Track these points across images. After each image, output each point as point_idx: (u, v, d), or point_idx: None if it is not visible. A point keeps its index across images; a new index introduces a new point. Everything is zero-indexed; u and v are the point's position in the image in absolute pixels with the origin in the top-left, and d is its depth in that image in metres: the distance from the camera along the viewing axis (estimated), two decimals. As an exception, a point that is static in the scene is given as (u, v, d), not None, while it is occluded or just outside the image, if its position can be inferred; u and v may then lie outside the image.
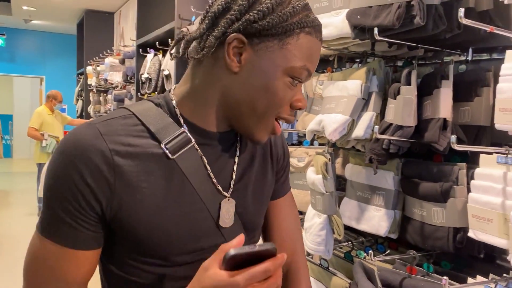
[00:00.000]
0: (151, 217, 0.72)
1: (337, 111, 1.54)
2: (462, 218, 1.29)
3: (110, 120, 0.74)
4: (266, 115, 0.77)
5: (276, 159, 0.95)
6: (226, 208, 0.80)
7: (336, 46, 1.59)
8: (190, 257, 0.77)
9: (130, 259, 0.76)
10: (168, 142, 0.75)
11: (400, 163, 1.51)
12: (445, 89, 1.32)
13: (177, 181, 0.75)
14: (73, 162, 0.69)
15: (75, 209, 0.70)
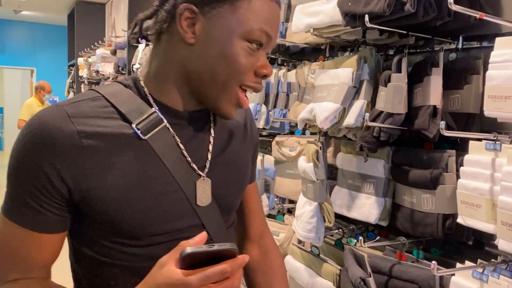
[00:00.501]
0: (123, 198, 0.72)
1: (328, 100, 1.54)
2: (451, 204, 1.30)
3: (78, 102, 0.73)
4: (228, 84, 0.75)
5: (253, 143, 0.99)
6: (202, 188, 0.79)
7: (328, 34, 1.59)
8: (165, 237, 0.76)
9: (103, 240, 0.75)
10: (139, 123, 0.75)
11: (390, 151, 1.51)
12: (435, 76, 1.32)
13: (150, 161, 0.75)
14: (39, 145, 0.68)
15: (40, 193, 0.69)
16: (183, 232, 0.77)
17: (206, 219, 0.81)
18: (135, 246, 0.75)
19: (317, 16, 1.54)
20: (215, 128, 0.86)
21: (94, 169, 0.70)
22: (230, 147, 0.88)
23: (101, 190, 0.71)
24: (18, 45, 10.26)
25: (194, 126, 0.82)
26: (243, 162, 0.92)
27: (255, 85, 0.77)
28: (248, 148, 0.96)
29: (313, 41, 1.80)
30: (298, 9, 1.65)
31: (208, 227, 0.81)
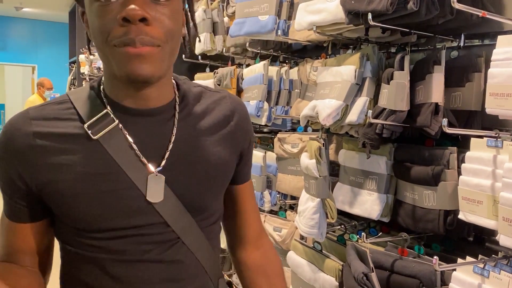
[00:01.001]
0: (73, 193, 0.76)
1: (331, 97, 1.55)
2: (453, 200, 1.32)
3: (45, 105, 0.80)
4: (103, 48, 0.72)
5: (240, 141, 0.92)
6: (153, 183, 0.78)
7: (330, 31, 1.61)
8: (124, 232, 0.78)
9: (71, 233, 0.80)
10: (91, 124, 0.78)
11: (392, 148, 1.53)
12: (437, 74, 1.34)
13: (101, 160, 0.77)
14: (3, 146, 0.77)
15: (8, 188, 0.80)
16: (143, 229, 0.79)
17: (168, 217, 0.80)
18: (96, 238, 0.79)
19: (320, 14, 1.55)
20: (179, 125, 0.83)
21: (46, 167, 0.76)
22: (198, 143, 0.85)
23: (53, 185, 0.76)
24: (19, 42, 10.26)
25: (152, 123, 0.81)
26: (216, 160, 0.86)
27: (122, 38, 0.69)
28: (229, 146, 0.89)
29: (315, 39, 1.81)
30: (301, 7, 1.66)
31: (173, 225, 0.81)
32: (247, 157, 0.97)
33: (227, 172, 0.91)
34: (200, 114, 0.87)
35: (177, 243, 0.83)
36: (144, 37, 0.69)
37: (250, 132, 0.97)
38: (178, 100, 0.86)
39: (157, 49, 0.71)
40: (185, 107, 0.86)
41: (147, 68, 0.71)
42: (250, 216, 1.03)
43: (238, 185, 0.98)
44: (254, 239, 1.04)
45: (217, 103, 0.90)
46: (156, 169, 0.79)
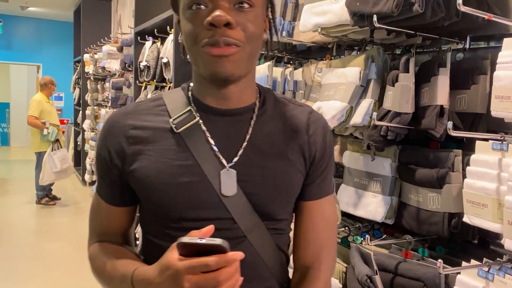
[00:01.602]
0: (154, 181, 0.83)
1: (335, 98, 1.55)
2: (457, 203, 1.31)
3: (142, 102, 0.92)
4: (192, 49, 0.82)
5: (310, 155, 0.91)
6: (225, 178, 0.83)
7: (335, 33, 1.60)
8: (194, 224, 0.80)
9: (151, 220, 0.88)
10: (176, 119, 0.86)
11: (397, 150, 1.53)
12: (442, 76, 1.33)
13: (182, 153, 0.84)
14: (103, 137, 0.89)
15: (104, 173, 0.90)
16: (211, 222, 0.79)
17: (236, 213, 0.83)
18: (170, 228, 0.84)
19: (325, 16, 1.55)
20: (255, 127, 0.88)
21: (135, 154, 0.85)
22: (271, 148, 0.87)
23: (138, 171, 0.84)
24: (24, 41, 10.30)
25: (231, 123, 0.87)
26: (286, 167, 0.88)
27: (209, 39, 0.78)
28: (300, 157, 0.90)
29: (320, 40, 1.80)
30: (306, 9, 1.66)
31: (239, 222, 0.84)
32: (316, 174, 0.92)
33: (295, 182, 0.90)
34: (278, 122, 0.91)
35: (243, 242, 0.84)
36: (227, 38, 0.77)
37: (325, 150, 0.92)
38: (258, 105, 0.91)
39: (237, 49, 0.79)
40: (263, 112, 0.90)
41: (228, 66, 0.79)
42: (303, 240, 0.94)
43: (302, 201, 0.93)
44: (301, 267, 0.95)
45: (297, 115, 0.92)
46: (228, 165, 0.84)
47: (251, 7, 0.79)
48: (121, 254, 0.89)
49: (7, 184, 7.42)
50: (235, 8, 0.78)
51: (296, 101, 0.97)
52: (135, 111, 0.89)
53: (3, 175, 8.10)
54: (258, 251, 0.86)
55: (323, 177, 0.93)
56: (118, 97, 4.85)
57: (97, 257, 0.91)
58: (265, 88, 0.95)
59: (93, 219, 0.96)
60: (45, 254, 4.18)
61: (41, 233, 4.93)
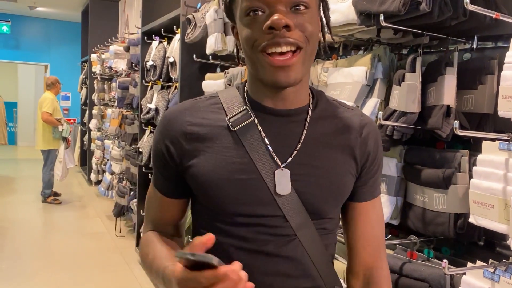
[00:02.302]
0: (210, 176, 0.85)
1: (341, 98, 1.55)
2: (463, 204, 1.30)
3: (198, 99, 0.94)
4: (252, 56, 0.83)
5: (362, 157, 0.92)
6: (280, 178, 0.85)
7: (342, 33, 1.60)
8: (247, 220, 0.85)
9: (205, 214, 0.90)
10: (232, 117, 0.88)
11: (403, 150, 1.52)
12: (449, 76, 1.33)
13: (237, 150, 0.86)
14: (161, 131, 0.91)
15: (162, 166, 0.92)
16: (264, 220, 0.85)
17: (287, 211, 0.85)
18: (224, 222, 0.87)
19: (332, 15, 1.53)
20: (310, 128, 0.89)
21: (193, 150, 0.87)
22: (325, 148, 0.89)
23: (195, 167, 0.87)
24: (32, 41, 10.37)
25: (286, 123, 0.89)
26: (339, 167, 0.90)
27: (269, 41, 0.79)
28: (352, 158, 0.91)
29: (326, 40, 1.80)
30: (313, 8, 1.66)
31: (290, 220, 0.86)
32: (368, 176, 0.94)
33: (347, 182, 0.91)
34: (330, 123, 0.92)
35: (293, 240, 0.86)
36: (288, 38, 0.78)
37: (375, 153, 0.94)
38: (312, 106, 0.92)
39: (298, 53, 0.80)
40: (317, 113, 0.91)
41: (292, 75, 0.81)
42: (360, 242, 0.96)
43: (355, 202, 0.95)
44: (362, 269, 0.97)
45: (349, 117, 0.94)
46: (282, 165, 0.86)
47: (306, 9, 0.81)
48: (167, 246, 0.91)
49: (14, 183, 7.46)
50: (292, 11, 0.80)
51: (346, 104, 0.98)
52: (192, 108, 0.91)
53: (10, 174, 8.15)
54: (307, 249, 0.87)
55: (375, 178, 0.96)
56: (124, 97, 4.86)
57: (145, 245, 0.95)
58: (317, 90, 0.96)
59: (148, 208, 1.00)
60: (51, 252, 4.19)
61: (47, 231, 4.96)
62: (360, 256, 0.97)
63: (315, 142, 0.89)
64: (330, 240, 0.93)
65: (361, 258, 0.97)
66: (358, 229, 0.96)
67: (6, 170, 8.41)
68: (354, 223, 0.96)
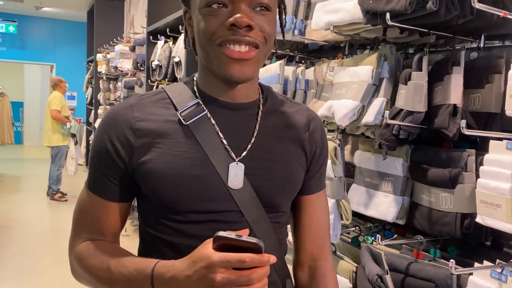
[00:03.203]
0: (162, 173, 0.82)
1: (347, 97, 1.54)
2: (470, 203, 1.30)
3: (144, 95, 0.90)
4: (207, 48, 0.82)
5: (311, 150, 0.95)
6: (234, 171, 0.84)
7: (348, 32, 1.60)
8: (202, 217, 0.83)
9: (154, 214, 0.86)
10: (183, 111, 0.86)
11: (409, 149, 1.51)
12: (456, 75, 1.32)
13: (190, 145, 0.84)
14: (106, 129, 0.86)
15: (105, 167, 0.86)
16: (220, 215, 0.84)
17: (243, 206, 0.85)
18: (176, 221, 0.84)
19: (338, 14, 1.54)
20: (262, 122, 0.90)
21: (142, 147, 0.83)
22: (277, 143, 0.91)
23: (147, 164, 0.83)
24: (39, 41, 10.41)
25: (238, 116, 0.88)
26: (291, 161, 0.92)
27: (227, 37, 0.79)
28: (302, 152, 0.94)
29: (332, 39, 1.80)
30: (318, 7, 1.66)
31: (246, 214, 0.85)
32: (315, 169, 0.97)
33: (299, 175, 0.94)
34: (280, 118, 0.94)
35: (249, 235, 0.84)
36: (248, 38, 0.79)
37: (321, 146, 0.98)
38: (262, 101, 0.93)
39: (256, 51, 0.81)
40: (267, 107, 0.93)
41: (246, 71, 0.81)
42: (306, 233, 0.99)
43: (303, 195, 0.98)
44: (307, 260, 0.99)
45: (296, 112, 0.96)
46: (237, 158, 0.85)
47: (267, 11, 0.82)
48: (124, 252, 0.87)
49: (20, 182, 7.51)
50: (253, 11, 0.80)
51: (292, 99, 1.01)
52: (139, 104, 0.87)
53: (16, 173, 8.19)
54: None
55: (321, 172, 1.00)
56: (129, 96, 4.87)
57: (91, 256, 0.86)
58: (265, 86, 0.98)
59: (82, 217, 0.91)
60: (57, 251, 4.21)
61: (54, 230, 4.98)
62: (306, 248, 0.99)
63: (268, 136, 0.90)
64: (283, 234, 0.95)
65: (307, 250, 0.99)
66: (305, 221, 0.99)
67: (13, 169, 8.46)
68: (301, 215, 0.99)
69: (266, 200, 0.87)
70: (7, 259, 3.96)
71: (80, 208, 0.91)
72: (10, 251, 4.16)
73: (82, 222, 0.91)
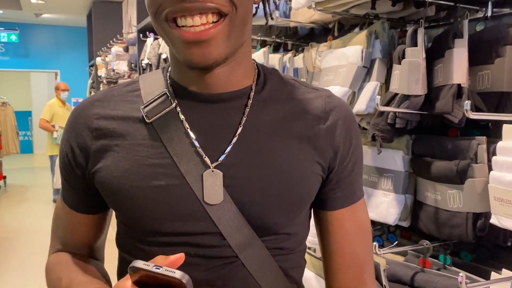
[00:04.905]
0: (121, 183, 0.67)
1: (335, 83, 1.35)
2: (483, 201, 1.10)
3: (115, 87, 0.76)
4: (156, 25, 0.65)
5: (329, 151, 0.71)
6: (210, 182, 0.66)
7: (334, 9, 1.40)
8: (173, 239, 0.67)
9: (123, 232, 0.74)
10: (147, 105, 0.69)
11: (410, 140, 1.32)
12: (458, 49, 1.12)
13: (155, 148, 0.68)
14: (66, 129, 0.74)
15: (67, 173, 0.75)
16: (195, 238, 0.66)
17: (224, 227, 0.66)
18: (143, 242, 0.69)
19: (320, -12, 1.34)
20: (250, 116, 0.69)
21: (99, 150, 0.70)
22: (271, 142, 0.69)
23: (102, 172, 0.69)
24: (41, 48, 10.38)
25: (217, 110, 0.69)
26: (292, 168, 0.69)
27: (174, 6, 0.60)
28: (311, 155, 0.70)
29: (319, 19, 1.60)
30: (299, -18, 1.46)
31: (228, 237, 0.66)
32: (341, 176, 0.73)
33: (308, 185, 0.70)
34: (283, 108, 0.71)
35: (234, 262, 0.67)
36: (201, 4, 0.59)
37: (348, 145, 0.73)
38: (255, 88, 0.71)
39: (221, 22, 0.61)
40: (264, 96, 0.71)
41: (212, 52, 0.62)
42: (339, 262, 0.76)
43: (327, 211, 0.74)
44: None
45: (309, 100, 0.73)
46: (213, 164, 0.66)
47: None
48: (82, 268, 0.74)
49: (26, 192, 7.46)
50: None
51: (309, 84, 0.77)
52: (104, 98, 0.72)
53: (24, 182, 8.16)
54: (254, 275, 0.68)
55: (352, 179, 0.74)
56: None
57: (52, 270, 0.78)
58: (268, 69, 0.76)
59: (56, 225, 0.83)
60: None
61: (56, 240, 4.89)
62: (338, 280, 0.76)
63: (258, 134, 0.68)
64: (292, 262, 0.72)
65: (339, 282, 0.76)
66: (333, 245, 0.75)
67: (21, 179, 8.42)
68: (328, 237, 0.75)
69: (256, 220, 0.67)
70: (9, 272, 3.87)
71: (54, 217, 0.83)
72: (10, 264, 4.09)
73: (55, 232, 0.83)
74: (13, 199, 6.77)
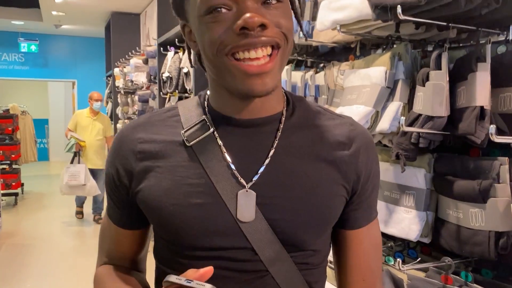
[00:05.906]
0: (163, 199, 0.73)
1: (359, 102, 1.39)
2: (505, 220, 1.13)
3: (156, 112, 0.82)
4: (216, 61, 0.69)
5: (353, 176, 0.77)
6: (244, 201, 0.71)
7: (357, 30, 1.44)
8: (208, 253, 0.72)
9: (162, 246, 0.79)
10: (187, 130, 0.75)
11: (432, 158, 1.35)
12: (481, 72, 1.15)
13: (194, 170, 0.73)
14: (112, 152, 0.80)
15: (112, 192, 0.81)
16: (229, 252, 0.72)
17: (256, 242, 0.71)
18: (181, 256, 0.74)
19: (344, 11, 1.39)
20: (281, 140, 0.75)
21: (142, 171, 0.75)
22: (300, 165, 0.74)
23: (144, 191, 0.74)
24: (59, 58, 10.55)
25: (251, 134, 0.75)
26: (319, 190, 0.74)
27: (238, 43, 0.66)
28: (336, 177, 0.75)
29: (341, 40, 1.65)
30: (324, 5, 1.51)
31: (260, 252, 0.71)
32: (362, 198, 0.79)
33: (334, 205, 0.76)
34: (311, 134, 0.77)
35: (265, 276, 0.73)
36: (264, 38, 0.66)
37: (369, 170, 0.78)
38: (285, 114, 0.78)
39: (276, 54, 0.68)
40: (293, 122, 0.78)
41: (269, 83, 0.68)
42: (354, 275, 0.81)
43: (347, 230, 0.80)
44: None
45: (334, 127, 0.79)
46: (248, 185, 0.72)
47: (279, 2, 0.68)
48: (124, 280, 0.80)
49: (45, 199, 7.55)
50: (263, 7, 0.67)
51: (333, 111, 0.83)
52: (147, 123, 0.79)
53: (42, 190, 8.26)
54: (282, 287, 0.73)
55: (371, 200, 0.81)
56: (144, 110, 4.81)
57: (100, 281, 0.84)
58: (296, 96, 0.82)
59: (102, 240, 0.89)
60: (77, 272, 4.15)
61: (75, 249, 4.93)
62: None
63: (289, 156, 0.74)
64: (316, 276, 0.77)
65: None
66: (351, 261, 0.81)
67: (39, 186, 8.53)
68: (347, 253, 0.81)
69: (286, 237, 0.72)
70: (28, 278, 3.92)
71: (101, 232, 0.90)
72: (28, 271, 4.12)
73: (101, 246, 0.89)
74: (31, 206, 6.86)
